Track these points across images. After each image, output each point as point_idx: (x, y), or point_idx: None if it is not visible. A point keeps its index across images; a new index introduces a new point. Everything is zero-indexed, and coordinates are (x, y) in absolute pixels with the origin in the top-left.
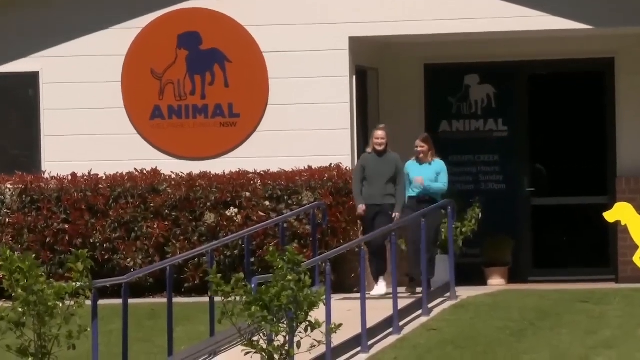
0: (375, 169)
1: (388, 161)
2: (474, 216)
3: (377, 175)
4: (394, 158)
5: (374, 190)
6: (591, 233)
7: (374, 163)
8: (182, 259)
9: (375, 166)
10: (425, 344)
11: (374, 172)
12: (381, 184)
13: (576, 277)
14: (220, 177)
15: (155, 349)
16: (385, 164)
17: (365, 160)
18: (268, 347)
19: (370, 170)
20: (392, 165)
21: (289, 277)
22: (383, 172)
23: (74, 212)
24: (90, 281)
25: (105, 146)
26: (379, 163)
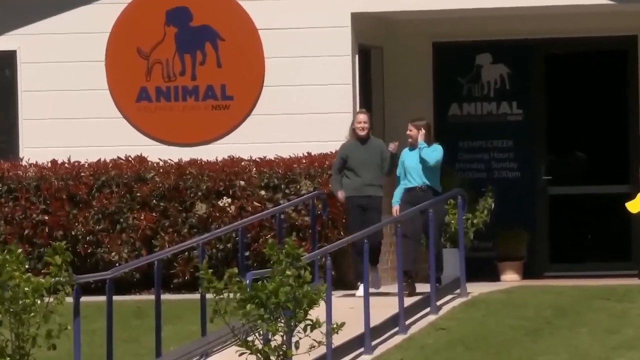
0: (359, 157)
1: (372, 148)
2: (486, 207)
3: (363, 165)
4: (379, 144)
5: (360, 181)
6: (612, 225)
7: (357, 151)
8: (171, 253)
9: (359, 155)
10: (433, 345)
11: (359, 162)
12: (368, 174)
13: (596, 272)
14: (212, 164)
15: (142, 350)
16: (369, 152)
17: (346, 149)
18: (264, 348)
19: (354, 160)
20: (377, 153)
21: (287, 272)
22: (368, 160)
23: (54, 202)
24: (71, 276)
25: (88, 131)
26: (363, 151)
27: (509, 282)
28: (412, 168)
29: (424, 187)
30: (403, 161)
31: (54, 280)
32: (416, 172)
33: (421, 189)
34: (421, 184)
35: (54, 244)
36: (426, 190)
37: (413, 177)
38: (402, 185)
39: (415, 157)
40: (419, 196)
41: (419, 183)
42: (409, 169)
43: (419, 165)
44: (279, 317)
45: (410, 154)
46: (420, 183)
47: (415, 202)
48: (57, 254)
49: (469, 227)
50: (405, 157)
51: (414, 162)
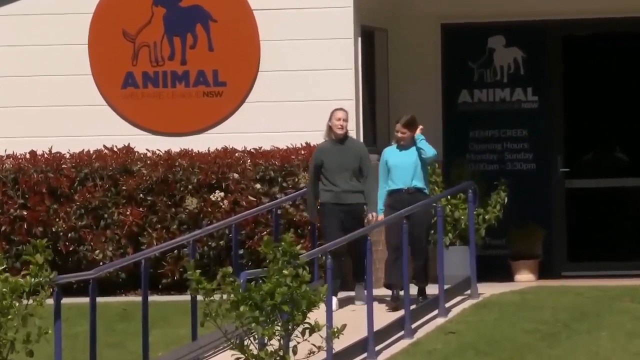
0: (336, 160)
1: (351, 149)
2: (499, 201)
3: (340, 169)
4: (358, 146)
5: (336, 186)
6: (635, 220)
7: (334, 153)
8: (160, 251)
9: (336, 157)
10: (441, 350)
11: (336, 165)
12: (346, 179)
13: (618, 272)
14: (203, 155)
15: (127, 356)
16: (348, 153)
17: (322, 151)
18: (260, 353)
19: (330, 163)
20: (356, 155)
21: (284, 271)
22: (346, 163)
23: (33, 196)
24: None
25: (70, 120)
26: (341, 152)
27: (523, 282)
28: (398, 167)
29: (411, 189)
30: (386, 160)
31: (34, 280)
32: (403, 173)
33: (408, 191)
34: (409, 185)
35: (34, 242)
36: (414, 192)
37: (400, 177)
38: (384, 188)
39: (404, 156)
40: (406, 200)
41: (406, 185)
42: (395, 168)
43: (408, 164)
44: (276, 319)
45: (396, 152)
46: (408, 184)
47: (401, 206)
48: (38, 252)
49: (480, 223)
50: (390, 155)
51: (401, 161)
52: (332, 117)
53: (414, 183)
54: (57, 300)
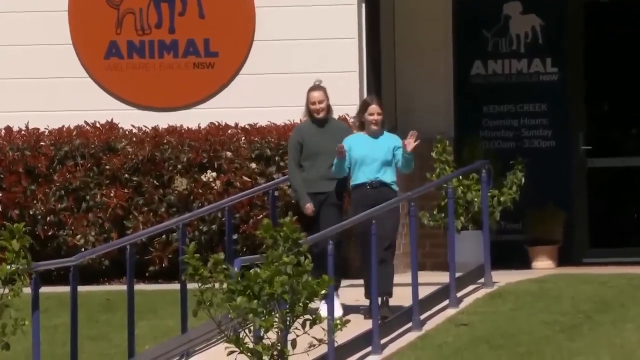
0: (315, 144)
1: (332, 132)
2: (515, 182)
3: (319, 153)
4: (341, 127)
5: (315, 173)
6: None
7: (313, 136)
8: (146, 236)
9: (315, 140)
10: (452, 343)
11: (315, 149)
12: (325, 165)
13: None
14: (194, 132)
15: (112, 349)
16: (329, 137)
17: (301, 132)
18: (256, 347)
19: (309, 147)
20: (338, 137)
21: (284, 258)
22: (327, 147)
23: (8, 176)
24: (29, 263)
25: (48, 93)
26: (320, 135)
27: (541, 269)
28: (362, 159)
29: (375, 183)
30: (349, 149)
31: (11, 268)
32: (372, 166)
33: (371, 185)
34: (373, 179)
35: (10, 226)
36: (378, 187)
37: (365, 172)
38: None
39: (375, 147)
40: (370, 196)
41: (370, 178)
42: (359, 159)
43: (378, 157)
44: (273, 310)
45: (364, 140)
46: (372, 178)
47: (366, 202)
48: (15, 238)
49: (494, 205)
50: (354, 144)
51: (371, 153)
52: (307, 98)
53: (378, 176)
54: (35, 289)
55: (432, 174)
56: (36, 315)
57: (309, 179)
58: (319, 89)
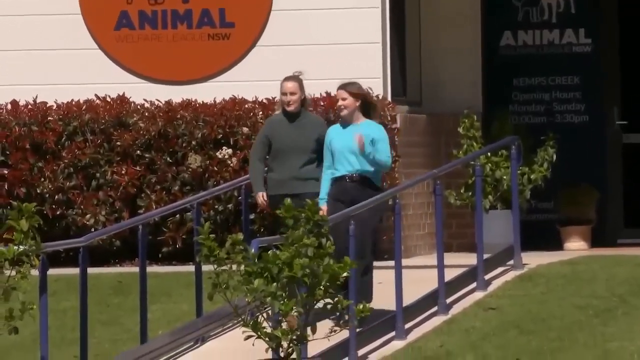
0: (286, 139)
1: (305, 127)
2: (547, 159)
3: (291, 150)
4: (315, 122)
5: (286, 172)
6: None
7: (284, 131)
8: (159, 216)
9: (286, 135)
10: (480, 328)
11: (284, 145)
12: (297, 163)
13: None
14: (209, 106)
15: (123, 334)
16: (301, 132)
17: (272, 126)
18: (274, 331)
19: (281, 141)
20: (312, 133)
21: (305, 240)
22: (299, 144)
23: (14, 152)
24: (39, 244)
25: (57, 65)
26: (291, 131)
27: (574, 250)
28: (340, 151)
29: (355, 176)
30: (330, 142)
31: (19, 249)
32: (347, 156)
33: (351, 178)
34: (353, 172)
35: (19, 205)
36: (358, 180)
37: (342, 163)
38: (328, 174)
39: (347, 136)
40: (349, 189)
41: (350, 171)
42: (338, 152)
43: (351, 146)
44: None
45: (340, 131)
46: (353, 171)
47: (344, 197)
48: (23, 218)
49: (524, 184)
50: (334, 136)
51: (343, 142)
52: (280, 89)
53: (358, 168)
54: (43, 271)
55: (459, 150)
56: (44, 298)
57: (279, 179)
58: (293, 80)
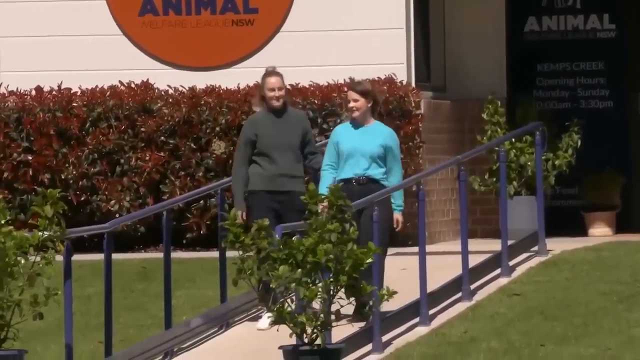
0: (273, 137)
1: (292, 123)
2: (571, 144)
3: (277, 147)
4: (300, 118)
5: (274, 168)
6: None
7: (272, 128)
8: (184, 202)
9: (272, 133)
10: (504, 314)
11: (272, 142)
12: (286, 160)
13: None
14: (232, 92)
15: (148, 320)
16: (289, 128)
17: (254, 126)
18: (298, 317)
19: (265, 141)
20: (298, 129)
21: (329, 226)
22: (286, 140)
23: (39, 138)
24: (64, 230)
25: (81, 51)
26: (278, 127)
27: (598, 237)
28: (352, 154)
29: (362, 179)
30: (337, 142)
31: (44, 235)
32: (358, 160)
33: (358, 181)
34: (361, 174)
35: (43, 191)
36: (366, 184)
37: (351, 165)
38: (329, 175)
39: (360, 138)
40: (356, 193)
41: (358, 173)
42: (347, 154)
43: (365, 150)
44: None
45: (350, 131)
46: (361, 173)
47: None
48: (48, 204)
49: (549, 169)
50: (341, 136)
51: (356, 145)
52: (264, 84)
53: (367, 172)
54: (67, 257)
55: (483, 136)
56: (68, 284)
57: (267, 176)
58: (276, 75)
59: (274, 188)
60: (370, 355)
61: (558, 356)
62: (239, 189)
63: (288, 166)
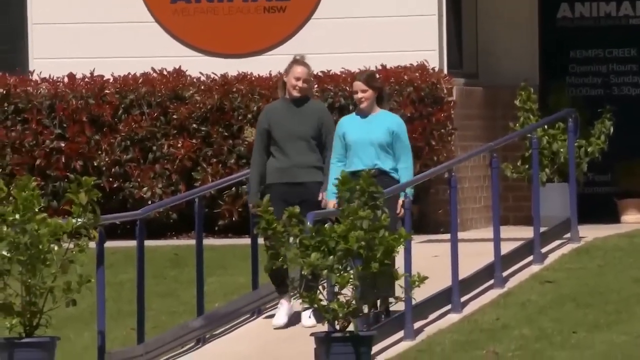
0: (288, 126)
1: (308, 114)
2: (604, 131)
3: (293, 137)
4: (318, 109)
5: (288, 160)
6: None
7: (286, 117)
8: (215, 189)
9: (289, 121)
10: (536, 301)
11: (288, 132)
12: (301, 151)
13: None
14: (264, 79)
15: (180, 307)
16: (303, 118)
17: (269, 116)
18: (331, 304)
19: (281, 129)
20: (314, 120)
21: (360, 212)
22: (302, 130)
23: (71, 125)
24: (98, 218)
25: (113, 38)
26: (295, 117)
27: (631, 223)
28: (358, 144)
29: (373, 171)
30: (343, 134)
31: (77, 222)
32: (365, 150)
33: (369, 173)
34: (371, 166)
35: (78, 178)
36: (375, 175)
37: (360, 157)
38: (337, 169)
39: (366, 128)
40: None
41: (368, 165)
42: (354, 145)
43: (371, 140)
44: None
45: (356, 122)
46: (370, 165)
47: None
48: (83, 191)
49: (581, 156)
50: (347, 127)
51: (361, 135)
52: (289, 71)
53: (377, 163)
54: (100, 244)
55: (516, 123)
56: (101, 270)
57: (280, 168)
58: (304, 65)
59: (287, 180)
60: (402, 342)
61: (590, 343)
62: (253, 179)
63: (301, 157)
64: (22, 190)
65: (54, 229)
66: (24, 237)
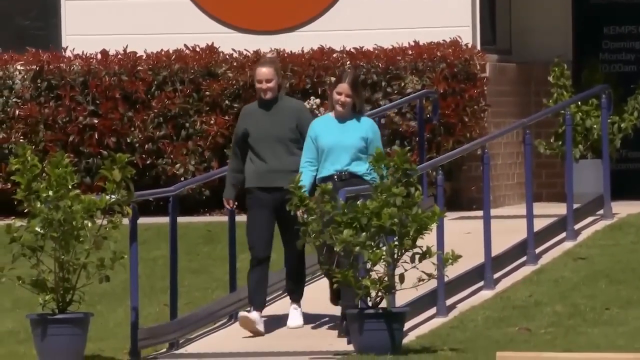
0: (262, 128)
1: (282, 114)
2: (637, 107)
3: (268, 140)
4: (293, 107)
5: (264, 165)
6: None
7: (258, 121)
8: None
9: (260, 125)
10: (569, 278)
11: (262, 135)
12: (277, 154)
13: None
14: (297, 56)
15: (213, 283)
16: (276, 120)
17: (245, 119)
18: (363, 281)
19: (255, 132)
20: (289, 121)
21: (394, 189)
22: (274, 133)
23: (104, 102)
24: (132, 195)
25: (146, 15)
26: (267, 119)
27: None
28: (334, 149)
29: (344, 174)
30: (316, 137)
31: (111, 199)
32: (340, 155)
33: (340, 177)
34: (341, 170)
35: (112, 154)
36: (348, 179)
37: (333, 162)
38: (308, 173)
39: (343, 134)
40: (338, 189)
41: (339, 169)
42: (328, 150)
43: (347, 145)
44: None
45: (332, 125)
46: (340, 169)
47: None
48: (117, 168)
49: (615, 133)
50: (322, 131)
51: (338, 141)
52: (254, 75)
53: (349, 167)
54: (133, 220)
55: (549, 99)
56: (134, 247)
57: (256, 171)
58: (268, 64)
59: (264, 184)
60: (435, 318)
61: (623, 320)
62: (228, 176)
63: (277, 161)
64: (55, 167)
65: (88, 205)
66: (58, 214)
